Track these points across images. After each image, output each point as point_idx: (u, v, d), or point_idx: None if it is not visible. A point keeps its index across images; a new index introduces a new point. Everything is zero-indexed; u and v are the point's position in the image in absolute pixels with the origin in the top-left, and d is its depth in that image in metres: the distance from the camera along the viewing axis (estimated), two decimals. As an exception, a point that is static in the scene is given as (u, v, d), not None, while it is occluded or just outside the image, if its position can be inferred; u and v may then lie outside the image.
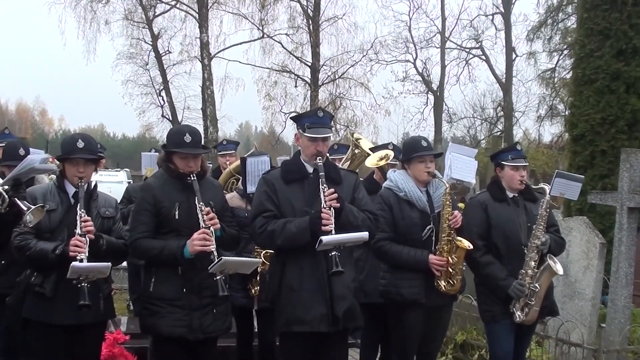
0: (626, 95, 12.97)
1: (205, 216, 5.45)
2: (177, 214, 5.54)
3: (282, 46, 38.86)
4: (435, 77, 46.14)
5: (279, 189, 5.63)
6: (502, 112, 44.99)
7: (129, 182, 21.91)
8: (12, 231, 5.46)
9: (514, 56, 44.38)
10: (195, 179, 5.56)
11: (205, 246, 5.35)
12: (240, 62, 39.39)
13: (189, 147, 5.59)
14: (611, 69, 13.06)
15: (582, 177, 7.73)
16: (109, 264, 5.34)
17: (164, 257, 5.45)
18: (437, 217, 6.20)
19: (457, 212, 6.18)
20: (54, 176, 6.20)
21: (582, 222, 8.84)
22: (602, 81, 13.11)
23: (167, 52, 38.44)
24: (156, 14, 38.17)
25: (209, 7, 36.31)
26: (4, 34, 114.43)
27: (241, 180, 7.07)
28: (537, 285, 6.22)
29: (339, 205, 5.42)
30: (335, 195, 5.43)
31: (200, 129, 7.16)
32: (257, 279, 6.66)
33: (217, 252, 5.36)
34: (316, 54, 38.37)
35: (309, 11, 38.50)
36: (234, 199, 6.98)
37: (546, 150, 41.95)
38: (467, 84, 51.25)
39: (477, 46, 45.80)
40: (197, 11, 36.18)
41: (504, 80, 44.35)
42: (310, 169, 5.69)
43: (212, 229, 5.44)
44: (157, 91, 38.74)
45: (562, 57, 39.58)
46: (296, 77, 39.19)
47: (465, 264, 6.30)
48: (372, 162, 7.24)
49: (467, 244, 6.08)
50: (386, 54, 43.79)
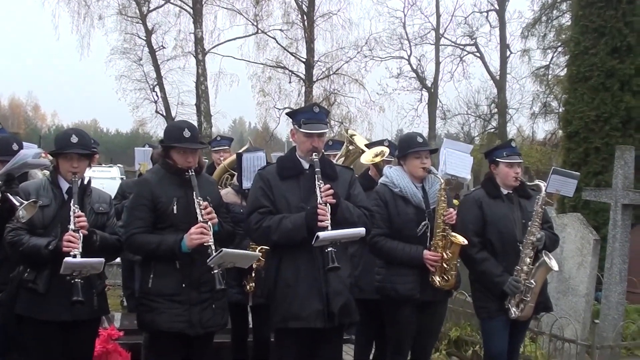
0: (620, 92, 13.03)
1: (203, 210, 5.45)
2: (175, 209, 5.53)
3: (277, 42, 38.80)
4: (429, 73, 46.17)
5: (274, 185, 5.61)
6: (496, 109, 45.07)
7: (122, 178, 21.85)
8: (4, 227, 5.43)
9: (508, 53, 44.47)
10: (193, 174, 5.55)
11: (203, 240, 5.34)
12: (234, 58, 39.40)
13: (188, 142, 5.59)
14: (606, 66, 13.12)
15: (578, 174, 7.74)
16: (103, 259, 5.31)
17: (162, 251, 5.44)
18: (433, 213, 6.20)
19: (451, 209, 6.19)
20: (47, 172, 6.16)
21: (576, 219, 8.86)
22: (597, 78, 13.16)
23: (161, 47, 38.33)
24: (150, 9, 38.04)
25: (203, 3, 36.21)
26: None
27: (237, 176, 7.06)
28: (532, 281, 6.23)
29: (335, 201, 5.41)
30: (331, 191, 5.41)
31: (194, 124, 7.15)
32: (253, 275, 6.65)
33: (215, 246, 5.35)
34: (310, 50, 38.33)
35: (304, 7, 38.45)
36: (229, 194, 6.98)
37: (540, 147, 42.01)
38: (461, 80, 51.38)
39: (472, 43, 45.86)
40: (191, 6, 36.09)
41: (498, 77, 44.42)
42: (306, 165, 5.67)
43: (209, 223, 5.43)
44: (151, 87, 38.64)
45: (556, 54, 39.64)
46: (290, 73, 39.14)
47: (460, 260, 6.30)
48: (367, 158, 7.23)
49: (461, 240, 6.08)
50: (380, 51, 43.79)
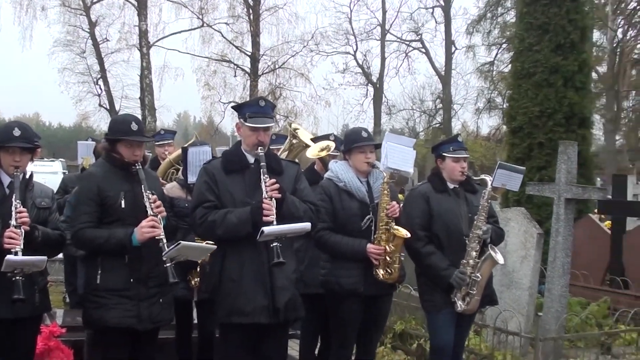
0: (564, 88, 13.24)
1: (152, 204, 5.41)
2: (122, 203, 5.47)
3: (222, 35, 38.73)
4: (375, 69, 46.53)
5: (219, 179, 5.56)
6: (441, 105, 45.53)
7: (65, 173, 21.54)
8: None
9: (453, 49, 45.01)
10: (140, 167, 5.51)
11: (154, 233, 5.30)
12: (179, 51, 39.17)
13: (135, 135, 5.54)
14: (549, 62, 13.31)
15: (524, 168, 7.79)
16: (45, 257, 5.22)
17: (111, 245, 5.38)
18: (377, 207, 6.22)
19: (394, 202, 6.20)
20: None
21: (520, 213, 8.95)
22: (541, 75, 13.36)
23: (105, 40, 38.02)
24: (94, 1, 37.70)
25: (148, -5, 35.94)
26: None
27: (182, 170, 7.00)
28: (478, 275, 6.27)
29: (280, 195, 5.38)
30: (276, 185, 5.39)
31: (139, 118, 7.10)
32: (197, 269, 6.60)
33: (166, 240, 5.32)
34: (256, 44, 38.31)
35: (250, 0, 38.36)
36: (174, 189, 6.92)
37: (484, 142, 42.58)
38: (406, 76, 51.79)
39: (417, 39, 46.27)
40: (136, -1, 35.80)
41: (443, 73, 44.86)
42: (251, 159, 5.63)
43: (159, 216, 5.39)
44: (95, 80, 38.28)
45: (500, 50, 40.23)
46: (236, 66, 39.08)
47: (404, 253, 6.32)
48: (313, 152, 7.22)
49: (404, 233, 6.10)
50: (327, 45, 44.01)
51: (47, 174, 20.82)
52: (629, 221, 13.46)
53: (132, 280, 5.43)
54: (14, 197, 5.23)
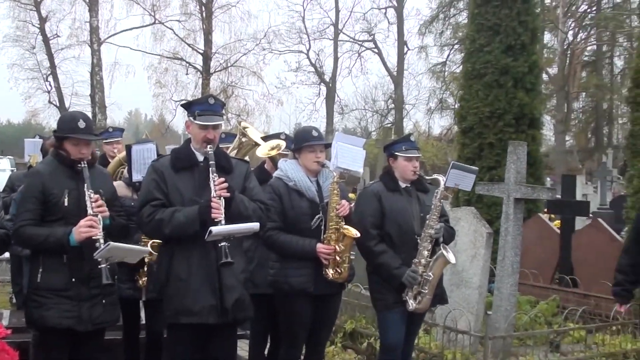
0: (514, 89, 13.34)
1: (93, 203, 5.32)
2: (66, 201, 5.38)
3: (174, 33, 38.54)
4: (327, 68, 46.59)
5: (168, 177, 5.50)
6: (393, 105, 45.74)
7: (13, 170, 21.21)
8: None
9: (405, 50, 45.21)
10: (85, 165, 5.42)
11: (91, 233, 5.21)
12: (130, 49, 38.89)
13: (82, 133, 5.46)
14: (500, 64, 13.40)
15: (476, 168, 7.84)
16: None
17: (50, 244, 5.29)
18: (326, 206, 6.20)
19: (344, 201, 6.19)
20: None
21: (470, 212, 9.00)
22: (491, 75, 13.44)
23: (56, 35, 37.61)
24: (45, -4, 37.19)
25: (99, -9, 35.58)
26: None
27: (126, 168, 6.92)
28: (430, 274, 6.29)
29: (229, 194, 5.35)
30: (225, 184, 5.35)
31: (88, 115, 6.97)
32: (145, 269, 6.52)
33: (105, 240, 5.22)
34: (208, 42, 38.18)
35: (202, -2, 38.18)
36: (119, 187, 6.81)
37: (436, 142, 42.88)
38: (359, 76, 52.03)
39: (370, 39, 46.45)
40: (87, -6, 35.42)
41: (395, 73, 45.05)
42: (200, 157, 5.58)
43: (99, 216, 5.30)
44: (44, 76, 37.86)
45: (452, 51, 40.53)
46: (188, 64, 38.93)
47: (355, 252, 6.32)
48: (263, 151, 7.18)
49: (354, 232, 6.10)
50: (279, 44, 44.09)
51: (-5, 171, 20.49)
52: (577, 220, 13.59)
53: (73, 280, 5.35)
54: None
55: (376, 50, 46.38)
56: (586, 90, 45.60)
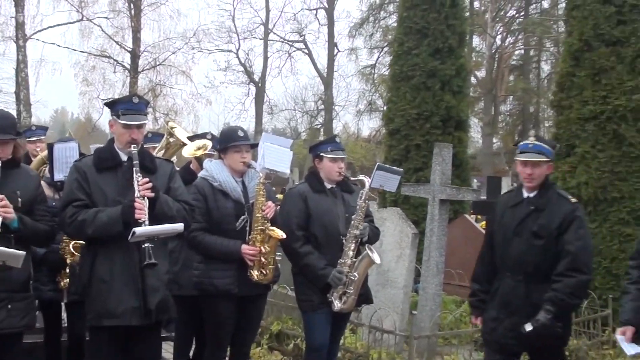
0: (441, 92, 13.51)
1: None
2: None
3: (102, 30, 37.85)
4: (257, 68, 46.45)
5: (90, 177, 5.41)
6: (322, 106, 45.78)
7: None
8: None
9: (335, 51, 45.26)
10: None
11: None
12: (57, 45, 38.12)
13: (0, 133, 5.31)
14: (428, 66, 13.56)
15: (401, 170, 7.91)
16: None
17: None
18: (252, 207, 6.18)
19: (270, 202, 6.19)
20: None
21: (396, 213, 9.07)
22: (419, 78, 13.58)
23: (-21, 31, 36.66)
24: (-33, -9, 36.31)
25: (25, -14, 34.86)
26: None
27: (48, 167, 6.78)
28: (355, 274, 6.33)
29: (153, 195, 5.29)
30: (149, 184, 5.29)
31: (13, 113, 6.80)
32: (67, 270, 6.42)
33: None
34: (137, 40, 37.65)
35: (131, -5, 37.72)
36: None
37: (364, 143, 43.08)
38: (289, 76, 52.01)
39: (300, 40, 46.42)
40: (12, -11, 34.67)
41: (325, 74, 45.08)
42: (124, 157, 5.50)
43: None
44: (-32, 72, 36.90)
45: (382, 54, 40.68)
46: (115, 62, 38.33)
47: (281, 253, 6.32)
48: (189, 151, 7.13)
49: (279, 234, 6.11)
50: (209, 43, 43.79)
51: None
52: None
53: None
54: None
55: (306, 51, 46.43)
56: (513, 93, 46.24)
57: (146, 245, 5.16)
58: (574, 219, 5.73)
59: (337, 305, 6.35)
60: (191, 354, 7.21)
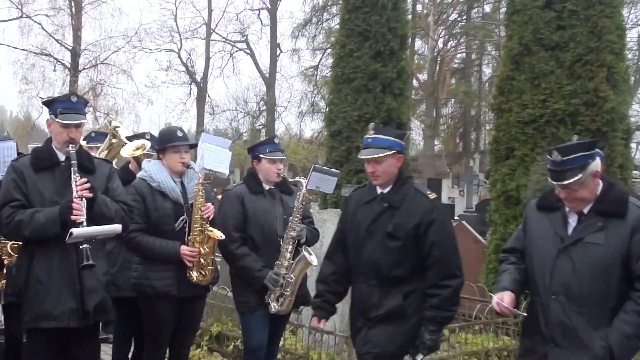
0: (382, 94, 13.57)
1: None
2: None
3: (42, 28, 37.46)
4: (199, 68, 46.30)
5: (28, 177, 5.35)
6: (264, 107, 45.75)
7: None
8: None
9: (278, 52, 45.24)
10: None
11: None
12: (-5, 43, 37.60)
13: None
14: (369, 69, 13.60)
15: (338, 171, 7.92)
16: None
17: None
18: (191, 208, 6.17)
19: (209, 203, 6.18)
20: None
21: (336, 214, 9.06)
22: (360, 80, 13.62)
23: None
24: None
25: (-38, -18, 34.34)
26: None
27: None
28: (292, 276, 6.34)
29: (92, 195, 5.24)
30: (87, 185, 5.23)
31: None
32: (4, 272, 6.34)
33: None
34: (77, 38, 37.33)
35: (72, -7, 37.34)
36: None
37: (307, 145, 43.13)
38: (231, 77, 51.91)
39: (243, 40, 46.33)
40: (-52, -14, 34.11)
41: (267, 75, 45.06)
42: (62, 157, 5.44)
43: None
44: None
45: (324, 55, 40.76)
46: (55, 60, 37.93)
47: (220, 255, 6.31)
48: (127, 151, 7.08)
49: (218, 235, 6.10)
50: (150, 42, 43.56)
51: None
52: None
53: None
54: None
55: (249, 51, 46.41)
56: (455, 96, 46.71)
57: (84, 246, 5.10)
58: (434, 219, 5.23)
59: (273, 307, 6.36)
60: (130, 355, 7.17)
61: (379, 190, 5.42)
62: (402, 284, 5.29)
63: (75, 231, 5.02)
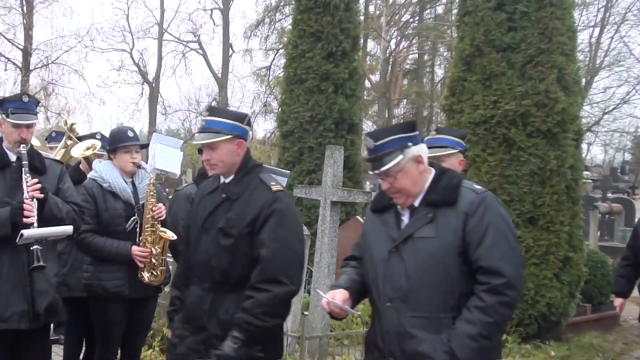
0: (334, 95, 13.62)
1: None
2: None
3: (-7, 27, 36.91)
4: (151, 68, 46.08)
5: (-22, 178, 5.33)
6: (217, 107, 45.55)
7: None
8: None
9: (230, 52, 45.17)
10: None
11: None
12: (-56, 42, 37.01)
13: None
14: (321, 69, 13.64)
15: (289, 172, 7.96)
16: None
17: None
18: (142, 208, 6.18)
19: (160, 204, 6.19)
20: None
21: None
22: (312, 81, 13.66)
23: None
24: None
25: None
26: None
27: None
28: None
29: (42, 196, 5.22)
30: (38, 185, 5.22)
31: None
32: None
33: None
34: (29, 37, 36.84)
35: (23, -9, 36.89)
36: None
37: (259, 145, 43.04)
38: (183, 77, 51.81)
39: (195, 40, 46.18)
40: None
41: (220, 75, 44.96)
42: (12, 157, 5.41)
43: None
44: None
45: (277, 56, 40.76)
46: (6, 60, 37.41)
47: (171, 255, 6.32)
48: (78, 151, 7.05)
49: (170, 235, 6.12)
50: (102, 42, 43.22)
51: None
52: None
53: None
54: None
55: (201, 51, 46.25)
56: (407, 97, 46.91)
57: (35, 247, 5.09)
58: (272, 213, 4.43)
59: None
60: (81, 356, 7.13)
61: (222, 179, 4.70)
62: (237, 291, 4.46)
63: (26, 232, 5.00)
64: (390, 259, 3.99)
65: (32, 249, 5.10)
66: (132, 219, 6.15)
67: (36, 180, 5.26)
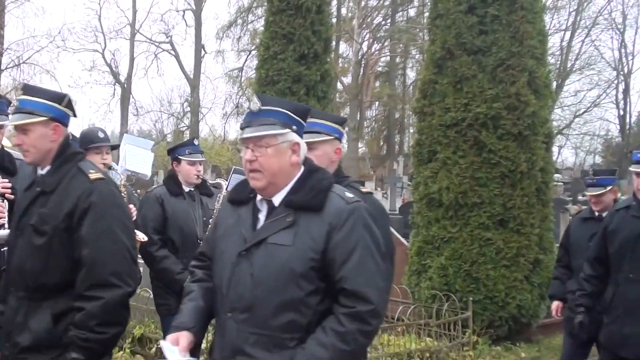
0: (306, 97, 13.56)
1: None
2: None
3: (-37, 27, 36.58)
4: (123, 68, 45.90)
5: (-53, 179, 5.23)
6: (189, 108, 45.57)
7: None
8: None
9: (203, 53, 45.10)
10: None
11: None
12: None
13: None
14: (293, 71, 13.57)
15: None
16: None
17: None
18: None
19: (131, 205, 6.14)
20: None
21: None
22: (284, 83, 13.59)
23: None
24: None
25: None
26: None
27: None
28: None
29: (13, 197, 5.14)
30: (9, 185, 5.18)
31: None
32: None
33: None
34: (0, 37, 36.55)
35: (-7, -8, 36.64)
36: None
37: (231, 146, 43.05)
38: (155, 77, 51.69)
39: (167, 41, 46.08)
40: None
41: (192, 76, 44.89)
42: (-18, 159, 5.33)
43: None
44: None
45: (249, 57, 40.81)
46: (-23, 60, 37.14)
47: (140, 257, 6.28)
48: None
49: (141, 237, 6.06)
50: (74, 42, 43.11)
51: None
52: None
53: None
54: None
55: (173, 52, 46.15)
56: (379, 99, 47.13)
57: (5, 249, 5.03)
58: (90, 206, 3.81)
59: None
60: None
61: (38, 171, 4.14)
62: (54, 299, 3.86)
63: (-3, 233, 4.95)
64: (238, 263, 3.40)
65: (2, 250, 4.95)
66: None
67: (7, 180, 5.21)
